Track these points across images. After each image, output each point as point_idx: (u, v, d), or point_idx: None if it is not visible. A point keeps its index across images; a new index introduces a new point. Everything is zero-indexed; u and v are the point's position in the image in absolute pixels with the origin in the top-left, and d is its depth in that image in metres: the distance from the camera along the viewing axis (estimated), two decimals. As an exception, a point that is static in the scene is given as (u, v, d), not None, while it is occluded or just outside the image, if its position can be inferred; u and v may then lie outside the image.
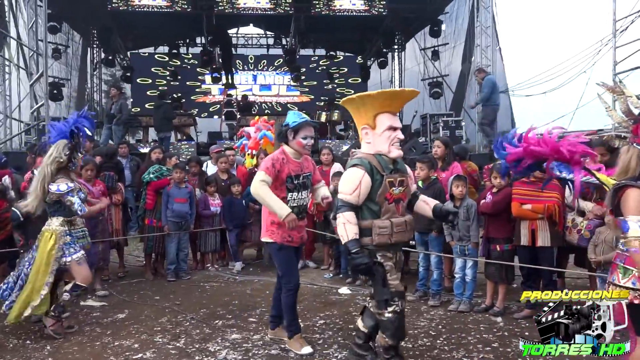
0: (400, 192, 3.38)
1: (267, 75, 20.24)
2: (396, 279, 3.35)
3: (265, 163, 3.86)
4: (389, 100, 3.37)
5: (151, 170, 6.66)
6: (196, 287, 6.01)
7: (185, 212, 6.52)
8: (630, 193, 2.47)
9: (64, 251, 4.32)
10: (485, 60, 13.65)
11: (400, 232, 3.35)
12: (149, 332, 4.41)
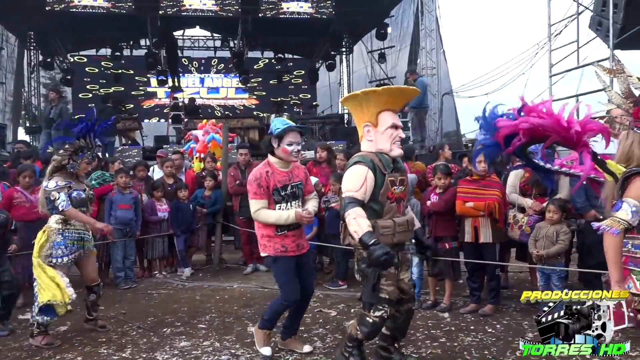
0: (401, 191, 3.31)
1: (214, 78, 20.01)
2: (391, 285, 3.24)
3: (251, 187, 3.70)
4: (393, 98, 3.32)
5: (93, 176, 6.44)
6: (143, 295, 5.85)
7: (129, 219, 6.34)
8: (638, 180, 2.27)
9: (52, 251, 4.23)
10: (430, 63, 13.99)
11: (402, 231, 3.28)
12: (93, 344, 4.25)
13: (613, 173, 2.31)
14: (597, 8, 8.96)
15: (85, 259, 4.50)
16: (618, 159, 2.38)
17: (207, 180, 7.14)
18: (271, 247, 3.75)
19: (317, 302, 5.32)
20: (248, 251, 6.96)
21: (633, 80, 2.32)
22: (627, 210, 2.18)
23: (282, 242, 3.73)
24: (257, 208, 3.68)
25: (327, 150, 6.62)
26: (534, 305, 4.89)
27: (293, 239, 3.78)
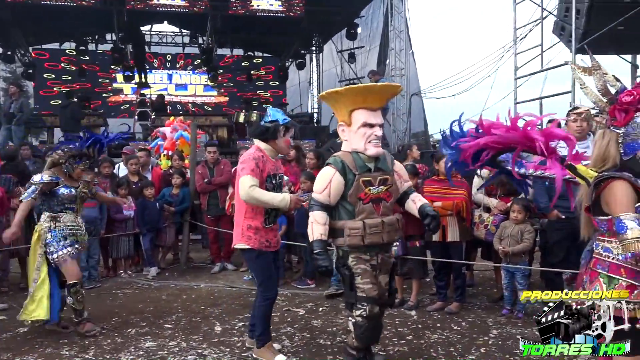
0: (381, 191, 3.21)
1: (183, 75, 19.72)
2: (368, 282, 3.19)
3: (249, 164, 3.53)
4: (361, 96, 3.21)
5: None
6: (107, 295, 5.72)
7: (94, 217, 6.18)
8: (617, 186, 2.14)
9: (48, 248, 4.28)
10: (399, 63, 14.12)
11: (375, 233, 3.16)
12: (54, 346, 4.14)
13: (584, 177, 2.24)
14: (561, 13, 9.22)
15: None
16: (594, 160, 2.28)
17: (174, 178, 7.03)
18: (257, 240, 3.60)
19: (285, 301, 5.30)
20: (216, 250, 6.89)
21: (609, 77, 2.26)
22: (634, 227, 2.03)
23: (266, 237, 3.64)
24: (252, 184, 3.48)
25: (297, 149, 6.61)
26: (497, 303, 5.01)
27: (274, 234, 3.76)
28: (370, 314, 3.18)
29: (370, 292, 3.18)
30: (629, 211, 2.08)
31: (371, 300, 3.18)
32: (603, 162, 2.24)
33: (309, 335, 4.27)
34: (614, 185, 2.14)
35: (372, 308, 3.18)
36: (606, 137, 2.25)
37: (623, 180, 2.13)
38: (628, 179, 2.14)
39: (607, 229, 2.20)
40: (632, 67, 9.87)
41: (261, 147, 3.69)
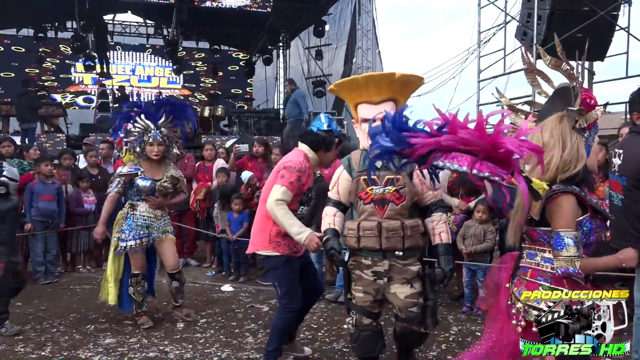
0: (388, 192, 2.90)
1: (146, 66, 19.32)
2: (360, 291, 2.95)
3: (291, 175, 3.19)
4: (356, 91, 3.02)
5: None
6: (65, 291, 5.57)
7: (52, 211, 6.02)
8: (565, 200, 2.10)
9: (121, 235, 4.32)
10: (365, 62, 14.23)
11: (368, 236, 2.88)
12: (8, 342, 4.01)
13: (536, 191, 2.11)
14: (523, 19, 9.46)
15: (161, 246, 4.47)
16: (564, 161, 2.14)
17: (137, 171, 6.89)
18: (286, 245, 3.28)
19: (249, 298, 5.29)
20: (179, 246, 6.78)
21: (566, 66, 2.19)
22: (570, 245, 2.05)
23: (294, 241, 3.24)
24: (282, 199, 3.16)
25: (265, 145, 6.58)
26: (458, 300, 5.12)
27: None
28: (359, 324, 2.97)
29: (359, 300, 2.96)
30: (569, 228, 2.07)
31: (360, 309, 2.95)
32: (575, 164, 2.13)
33: (273, 332, 4.26)
34: (562, 199, 2.10)
35: (360, 318, 2.96)
36: (574, 137, 2.14)
37: (572, 194, 2.10)
38: (578, 193, 2.12)
39: (548, 240, 2.17)
40: (589, 73, 10.22)
41: (309, 156, 3.37)
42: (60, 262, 6.57)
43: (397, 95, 2.99)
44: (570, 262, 2.04)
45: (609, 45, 9.14)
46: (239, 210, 6.02)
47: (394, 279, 2.88)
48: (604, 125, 10.16)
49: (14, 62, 17.33)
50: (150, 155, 4.36)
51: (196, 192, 6.49)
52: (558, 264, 2.07)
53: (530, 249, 2.26)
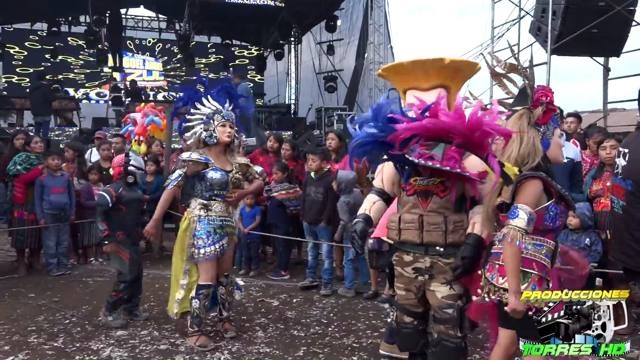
0: (432, 184, 2.73)
1: (158, 61, 19.35)
2: (401, 288, 2.84)
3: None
4: (403, 77, 2.91)
5: (17, 160, 6.01)
6: (77, 283, 5.62)
7: (64, 203, 6.05)
8: (530, 184, 2.25)
9: (196, 240, 3.76)
10: (377, 57, 14.17)
11: (409, 229, 2.74)
12: (22, 333, 4.05)
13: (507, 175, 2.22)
14: (538, 14, 9.36)
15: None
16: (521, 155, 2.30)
17: (148, 165, 6.91)
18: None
19: (259, 292, 5.30)
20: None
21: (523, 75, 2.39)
22: (524, 218, 2.18)
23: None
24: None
25: (279, 140, 6.57)
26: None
27: None
28: (400, 321, 2.89)
29: (401, 298, 2.86)
30: (527, 204, 2.22)
31: (401, 307, 2.87)
32: (533, 157, 2.30)
33: (283, 327, 4.27)
34: (529, 182, 2.25)
35: (401, 315, 2.88)
36: (530, 133, 2.32)
37: (538, 179, 2.26)
38: (545, 178, 2.27)
39: None
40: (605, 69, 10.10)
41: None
42: (72, 254, 6.63)
43: (448, 82, 2.84)
44: (516, 231, 2.18)
45: (625, 41, 9.01)
46: (251, 204, 6.04)
47: (435, 277, 2.72)
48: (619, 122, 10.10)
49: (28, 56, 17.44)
50: (223, 138, 3.84)
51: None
52: (505, 230, 2.23)
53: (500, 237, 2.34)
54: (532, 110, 2.34)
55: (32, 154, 6.17)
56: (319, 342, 3.92)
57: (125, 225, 4.33)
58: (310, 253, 5.59)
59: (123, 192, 4.31)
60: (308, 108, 15.98)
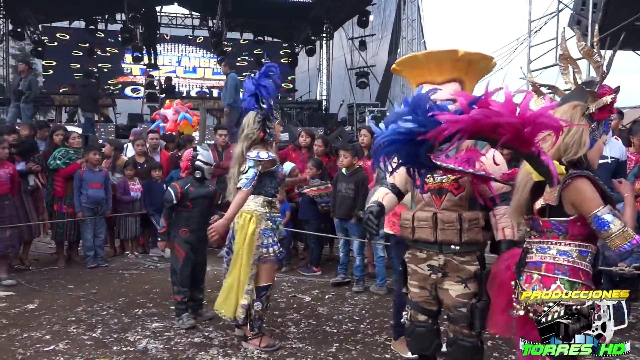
0: (445, 181, 2.70)
1: (192, 58, 19.67)
2: (415, 286, 2.80)
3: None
4: (417, 70, 2.83)
5: (56, 155, 6.22)
6: (114, 275, 5.77)
7: (101, 198, 6.22)
8: (582, 184, 2.06)
9: (264, 239, 3.62)
10: (410, 53, 14.02)
11: (423, 227, 2.70)
12: (61, 323, 4.18)
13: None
14: (577, 7, 9.11)
15: None
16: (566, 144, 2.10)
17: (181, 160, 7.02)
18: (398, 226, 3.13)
19: (291, 288, 5.33)
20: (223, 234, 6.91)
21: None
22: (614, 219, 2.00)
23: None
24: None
25: (312, 137, 6.58)
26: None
27: None
28: (413, 319, 2.84)
29: (415, 296, 2.82)
30: (600, 205, 2.02)
31: (415, 305, 2.83)
32: (576, 149, 2.09)
33: (315, 322, 4.29)
34: (578, 183, 2.06)
35: (415, 314, 2.83)
36: (581, 123, 2.11)
37: (584, 177, 2.07)
38: (592, 177, 2.08)
39: (565, 231, 2.13)
40: (647, 64, 9.78)
41: None
42: (109, 248, 6.81)
43: (462, 76, 2.76)
44: (624, 234, 1.98)
45: (670, 34, 8.69)
46: (281, 199, 6.06)
47: (449, 275, 2.68)
48: (662, 118, 9.45)
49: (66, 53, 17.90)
50: (279, 135, 3.87)
51: (239, 182, 6.55)
52: (614, 243, 1.99)
53: (540, 243, 2.20)
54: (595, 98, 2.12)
55: (71, 148, 6.36)
56: (351, 338, 3.92)
57: (191, 223, 4.20)
58: (341, 249, 5.60)
59: (190, 189, 4.21)
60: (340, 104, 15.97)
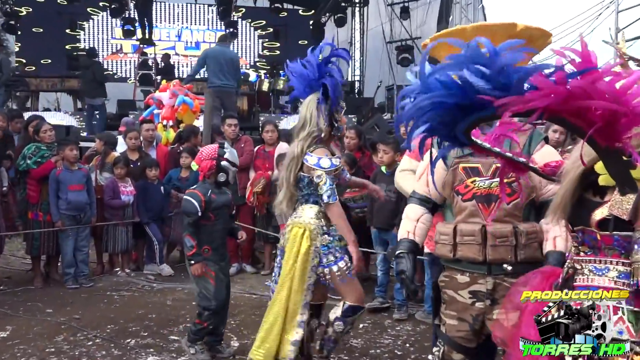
0: (494, 185, 2.66)
1: (194, 31, 19.85)
2: (452, 317, 2.75)
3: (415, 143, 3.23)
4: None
5: (26, 153, 6.22)
6: (101, 297, 5.86)
7: (84, 203, 6.29)
8: None
9: (321, 257, 3.55)
10: (465, 21, 13.92)
11: (469, 244, 2.66)
12: (39, 355, 4.26)
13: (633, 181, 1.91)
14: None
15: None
16: None
17: (183, 157, 7.08)
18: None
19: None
20: (233, 248, 6.94)
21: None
22: None
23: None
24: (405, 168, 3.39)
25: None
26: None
27: None
28: (447, 357, 2.79)
29: (451, 329, 2.76)
30: None
31: (450, 341, 2.77)
32: None
33: (347, 358, 4.28)
34: None
35: (449, 352, 2.78)
36: None
37: None
38: None
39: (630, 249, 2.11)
40: None
41: None
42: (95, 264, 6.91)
43: None
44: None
45: None
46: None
47: (499, 302, 2.60)
48: None
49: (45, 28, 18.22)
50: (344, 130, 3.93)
51: (253, 184, 6.60)
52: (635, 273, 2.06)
53: (595, 262, 2.19)
54: None
55: (43, 144, 6.34)
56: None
57: (214, 238, 4.15)
58: (379, 267, 5.56)
59: (213, 196, 4.11)
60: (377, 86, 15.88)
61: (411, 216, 2.86)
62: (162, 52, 17.28)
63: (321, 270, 3.54)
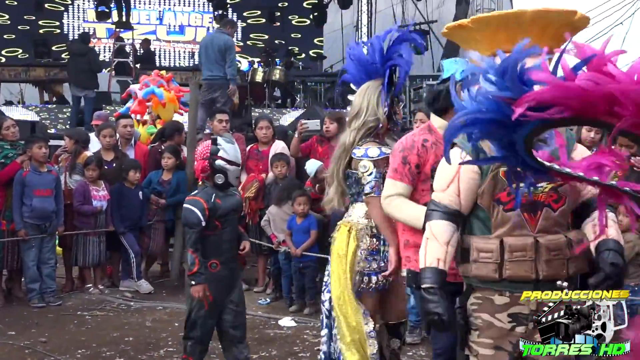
0: (542, 191, 2.61)
1: (178, 13, 19.84)
2: (488, 346, 2.64)
3: (393, 160, 3.24)
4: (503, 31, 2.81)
5: None
6: (71, 318, 5.87)
7: (49, 211, 6.30)
8: None
9: (366, 264, 3.55)
10: (487, 2, 13.91)
11: (520, 261, 2.58)
12: (0, 384, 4.28)
13: None
14: None
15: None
16: None
17: (165, 157, 7.09)
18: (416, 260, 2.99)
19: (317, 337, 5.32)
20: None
21: None
22: None
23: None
24: (391, 193, 3.20)
25: (338, 121, 6.58)
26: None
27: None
28: None
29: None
30: None
31: None
32: None
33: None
34: None
35: None
36: None
37: None
38: None
39: None
40: None
41: (434, 125, 3.30)
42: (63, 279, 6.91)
43: (555, 46, 2.51)
44: None
45: None
46: (304, 213, 6.05)
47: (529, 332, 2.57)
48: None
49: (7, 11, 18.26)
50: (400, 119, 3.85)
51: (245, 187, 6.59)
52: None
53: None
54: None
55: (6, 142, 6.36)
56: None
57: (223, 250, 4.05)
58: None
59: (217, 201, 3.98)
60: (386, 76, 15.85)
61: (440, 238, 2.64)
62: (141, 37, 17.27)
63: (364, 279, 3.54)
